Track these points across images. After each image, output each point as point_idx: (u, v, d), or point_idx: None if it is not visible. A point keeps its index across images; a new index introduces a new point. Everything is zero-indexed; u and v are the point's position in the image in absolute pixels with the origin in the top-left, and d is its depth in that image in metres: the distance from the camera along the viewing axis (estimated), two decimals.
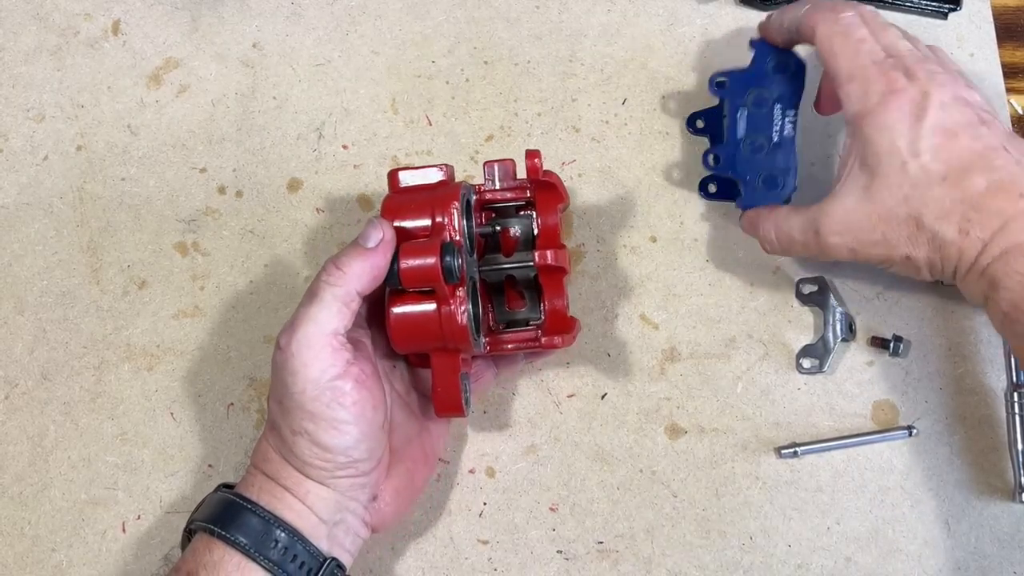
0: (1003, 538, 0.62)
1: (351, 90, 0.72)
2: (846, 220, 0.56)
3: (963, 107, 0.55)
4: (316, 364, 0.51)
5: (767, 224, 0.60)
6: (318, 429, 0.51)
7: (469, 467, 0.64)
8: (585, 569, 0.62)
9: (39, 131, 0.71)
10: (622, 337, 0.66)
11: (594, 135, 0.71)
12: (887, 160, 0.54)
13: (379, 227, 0.54)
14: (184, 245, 0.69)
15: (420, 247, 0.54)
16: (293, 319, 0.52)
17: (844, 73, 0.56)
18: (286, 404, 0.52)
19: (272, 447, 0.54)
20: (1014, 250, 0.52)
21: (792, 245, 0.59)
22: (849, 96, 0.56)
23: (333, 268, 0.53)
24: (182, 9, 0.74)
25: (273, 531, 0.51)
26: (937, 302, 0.67)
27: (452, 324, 0.55)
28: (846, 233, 0.56)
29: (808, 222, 0.58)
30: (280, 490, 0.53)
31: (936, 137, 0.54)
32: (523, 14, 0.74)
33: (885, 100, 0.55)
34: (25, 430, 0.65)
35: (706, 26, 0.74)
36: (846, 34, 0.57)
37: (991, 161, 0.53)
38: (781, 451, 0.64)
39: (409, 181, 0.59)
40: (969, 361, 0.66)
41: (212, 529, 0.52)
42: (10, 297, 0.67)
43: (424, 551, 0.62)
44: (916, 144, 0.54)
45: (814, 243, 0.58)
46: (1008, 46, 0.73)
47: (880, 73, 0.56)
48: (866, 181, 0.55)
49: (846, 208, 0.56)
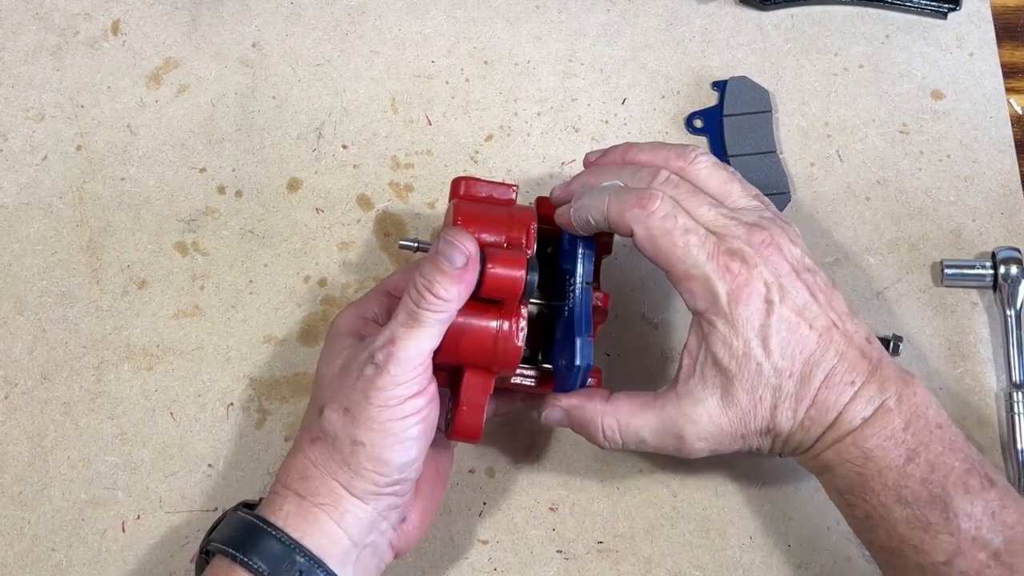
0: None
1: (351, 90, 0.72)
2: (711, 425, 0.54)
3: (795, 283, 0.54)
4: (409, 384, 0.51)
5: (608, 420, 0.56)
6: (385, 443, 0.51)
7: (469, 467, 0.64)
8: (585, 569, 0.62)
9: (39, 131, 0.71)
10: (622, 337, 0.66)
11: (594, 135, 0.71)
12: (744, 363, 0.53)
13: (463, 244, 0.52)
14: (184, 245, 0.69)
15: (510, 257, 0.53)
16: (393, 337, 0.51)
17: (680, 272, 0.53)
18: (357, 414, 0.51)
19: (314, 461, 0.52)
20: (847, 440, 0.53)
21: (641, 446, 0.56)
22: (692, 294, 0.54)
23: (430, 295, 0.51)
24: (182, 9, 0.74)
25: (294, 557, 0.50)
26: (937, 302, 0.67)
27: (508, 343, 0.53)
28: (711, 438, 0.54)
29: (666, 425, 0.55)
30: (315, 511, 0.51)
31: (783, 332, 0.53)
32: (523, 14, 0.74)
33: (735, 298, 0.53)
34: (25, 430, 0.65)
35: (706, 26, 0.74)
36: (667, 232, 0.53)
37: (826, 349, 0.53)
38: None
39: (480, 192, 0.58)
40: (969, 361, 0.66)
41: (233, 554, 0.51)
42: (10, 297, 0.67)
43: (424, 551, 0.62)
44: (768, 343, 0.53)
45: (673, 447, 0.55)
46: (1008, 46, 0.73)
47: (718, 267, 0.53)
48: (723, 383, 0.53)
49: (710, 414, 0.54)
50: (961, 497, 0.51)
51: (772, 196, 0.68)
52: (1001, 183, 0.70)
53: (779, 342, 0.53)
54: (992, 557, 0.50)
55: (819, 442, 0.54)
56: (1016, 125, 0.71)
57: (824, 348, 0.53)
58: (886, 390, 0.53)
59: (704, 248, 0.53)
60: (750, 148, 0.70)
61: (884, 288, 0.67)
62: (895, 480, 0.52)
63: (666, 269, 0.54)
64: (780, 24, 0.74)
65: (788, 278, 0.54)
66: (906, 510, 0.52)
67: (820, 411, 0.53)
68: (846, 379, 0.53)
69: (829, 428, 0.53)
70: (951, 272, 0.66)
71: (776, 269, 0.53)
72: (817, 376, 0.53)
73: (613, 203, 0.55)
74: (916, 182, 0.70)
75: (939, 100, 0.72)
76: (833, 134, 0.71)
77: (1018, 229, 0.69)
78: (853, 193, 0.70)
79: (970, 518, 0.51)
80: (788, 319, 0.53)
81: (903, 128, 0.71)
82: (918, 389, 0.54)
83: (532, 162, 0.70)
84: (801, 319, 0.53)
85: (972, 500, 0.51)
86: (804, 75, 0.73)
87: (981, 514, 0.51)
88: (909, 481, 0.52)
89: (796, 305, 0.53)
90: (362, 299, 0.59)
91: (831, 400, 0.53)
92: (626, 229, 0.54)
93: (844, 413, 0.53)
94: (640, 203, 0.54)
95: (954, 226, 0.69)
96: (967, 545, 0.50)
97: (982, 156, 0.70)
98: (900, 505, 0.52)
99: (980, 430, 0.64)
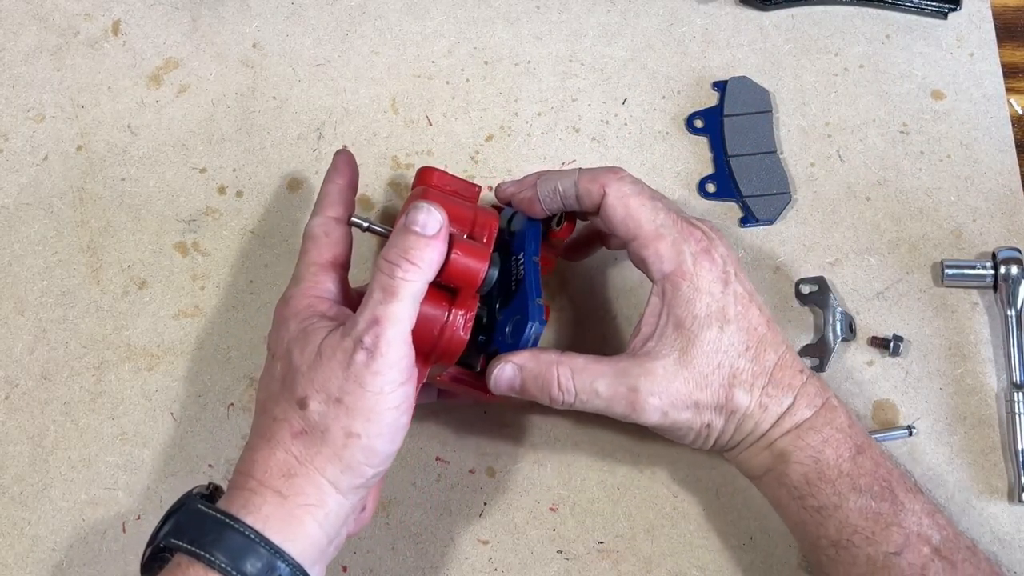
0: (1003, 538, 0.62)
1: (351, 90, 0.72)
2: (666, 381, 0.54)
3: (741, 271, 0.57)
4: (400, 364, 0.50)
5: (563, 369, 0.54)
6: (380, 433, 0.49)
7: (469, 467, 0.64)
8: (585, 569, 0.62)
9: (39, 131, 0.71)
10: (622, 337, 0.66)
11: (594, 135, 0.71)
12: (706, 324, 0.54)
13: (432, 212, 0.51)
14: (184, 245, 0.69)
15: (475, 248, 0.53)
16: (375, 316, 0.49)
17: (648, 232, 0.55)
18: (352, 404, 0.49)
19: (298, 458, 0.49)
20: (804, 425, 0.54)
21: (594, 398, 0.55)
22: (660, 255, 0.55)
23: (405, 262, 0.50)
24: (182, 9, 0.74)
25: (275, 563, 0.47)
26: (937, 302, 0.67)
27: (454, 333, 0.53)
28: (664, 395, 0.54)
29: (620, 377, 0.54)
30: (299, 513, 0.49)
31: (739, 304, 0.55)
32: (523, 14, 0.74)
33: (699, 260, 0.55)
34: (25, 430, 0.65)
35: (706, 26, 0.74)
36: (640, 193, 0.56)
37: (775, 335, 0.56)
38: None
39: (448, 186, 0.59)
40: (969, 361, 0.66)
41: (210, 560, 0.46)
42: (10, 297, 0.67)
43: (424, 551, 0.62)
44: (726, 310, 0.54)
45: (625, 400, 0.54)
46: (1008, 46, 0.73)
47: (685, 231, 0.55)
48: (683, 344, 0.54)
49: (666, 368, 0.54)
50: (904, 494, 0.53)
51: (772, 196, 0.69)
52: (1001, 183, 0.70)
53: (736, 314, 0.55)
54: (934, 552, 0.52)
55: (776, 426, 0.54)
56: (1016, 125, 0.71)
57: (773, 333, 0.56)
58: (827, 390, 0.56)
59: (669, 215, 0.56)
60: (750, 148, 0.70)
61: (884, 288, 0.67)
62: (849, 469, 0.53)
63: (634, 233, 0.56)
64: (780, 24, 0.74)
65: (736, 263, 0.57)
66: (860, 499, 0.53)
67: (777, 389, 0.54)
68: (795, 366, 0.56)
69: (786, 412, 0.54)
70: (951, 272, 0.66)
71: (728, 252, 0.56)
72: (770, 356, 0.55)
73: (584, 173, 0.57)
74: (916, 182, 0.70)
75: (939, 100, 0.72)
76: (833, 134, 0.71)
77: (1018, 229, 0.69)
78: (853, 193, 0.70)
79: (914, 513, 0.53)
80: (742, 295, 0.55)
81: (903, 128, 0.71)
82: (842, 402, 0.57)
83: (532, 162, 0.70)
84: (752, 300, 0.56)
85: (913, 498, 0.53)
86: (804, 75, 0.73)
87: (921, 511, 0.53)
88: (861, 471, 0.54)
89: (746, 287, 0.56)
90: (304, 277, 0.55)
91: (786, 381, 0.55)
92: (598, 193, 0.56)
93: (799, 398, 0.54)
94: (611, 171, 0.57)
95: (954, 226, 0.69)
96: (914, 538, 0.52)
97: (982, 156, 0.70)
98: (855, 493, 0.53)
99: (980, 430, 0.64)
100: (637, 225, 0.55)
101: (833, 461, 0.54)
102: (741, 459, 0.57)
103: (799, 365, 0.56)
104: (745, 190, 0.69)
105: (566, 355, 0.55)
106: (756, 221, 0.68)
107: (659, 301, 0.55)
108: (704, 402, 0.54)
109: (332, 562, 0.53)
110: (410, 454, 0.64)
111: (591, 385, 0.54)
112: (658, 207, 0.56)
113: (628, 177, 0.57)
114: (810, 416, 0.54)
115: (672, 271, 0.55)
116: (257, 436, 0.51)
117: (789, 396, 0.54)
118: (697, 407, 0.54)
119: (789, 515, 0.56)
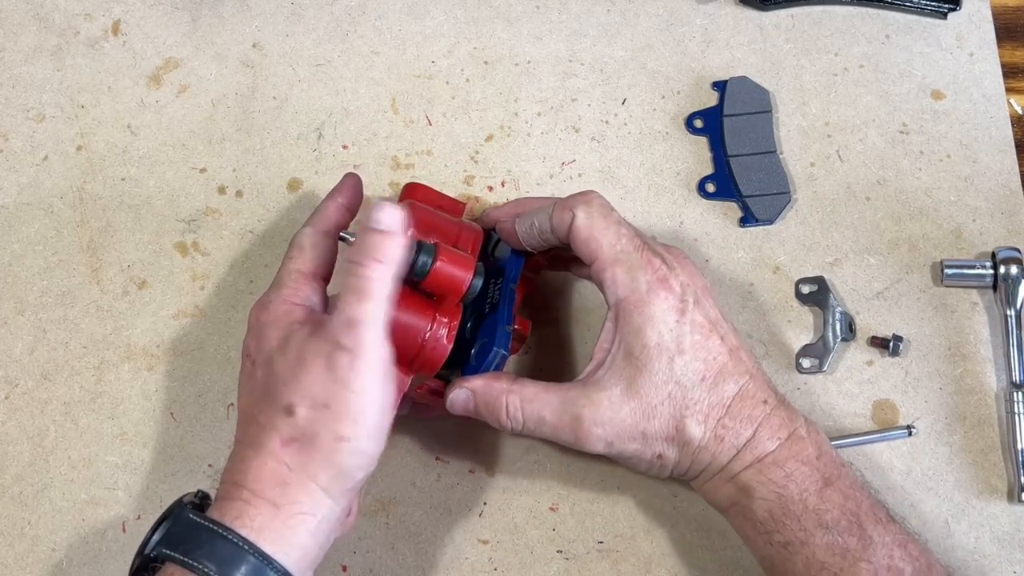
0: (1003, 538, 0.62)
1: (351, 90, 0.72)
2: (611, 412, 0.54)
3: (707, 298, 0.56)
4: (380, 362, 0.49)
5: (512, 398, 0.55)
6: (368, 435, 0.49)
7: (469, 467, 0.64)
8: (585, 569, 0.62)
9: (39, 131, 0.71)
10: None
11: (594, 135, 0.71)
12: (655, 354, 0.53)
13: (389, 209, 0.50)
14: (184, 245, 0.69)
15: (461, 257, 0.54)
16: (351, 318, 0.49)
17: (607, 256, 0.55)
18: (340, 408, 0.49)
19: (290, 466, 0.49)
20: (766, 459, 0.53)
21: (541, 426, 0.55)
22: (615, 280, 0.55)
23: (370, 260, 0.50)
24: (182, 9, 0.74)
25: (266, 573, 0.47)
26: (937, 302, 0.67)
27: (437, 342, 0.54)
28: (608, 425, 0.54)
29: (566, 406, 0.54)
30: (292, 523, 0.49)
31: (696, 334, 0.54)
32: (523, 14, 0.74)
33: (654, 289, 0.54)
34: (25, 430, 0.65)
35: (706, 26, 0.74)
36: (605, 216, 0.56)
37: (737, 364, 0.55)
38: None
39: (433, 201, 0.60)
40: (969, 361, 0.66)
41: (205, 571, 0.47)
42: (10, 297, 0.67)
43: (424, 551, 0.62)
44: (681, 340, 0.53)
45: (569, 429, 0.54)
46: (1008, 46, 0.73)
47: (643, 259, 0.55)
48: (631, 373, 0.54)
49: (612, 399, 0.54)
50: (873, 527, 0.52)
51: (772, 196, 0.69)
52: (1001, 183, 0.70)
53: (692, 344, 0.54)
54: None
55: (736, 460, 0.54)
56: (1016, 125, 0.71)
57: (736, 363, 0.54)
58: (795, 419, 0.55)
59: (632, 242, 0.55)
60: (750, 148, 0.70)
61: (884, 288, 0.67)
62: (815, 504, 0.52)
63: (595, 254, 0.55)
64: (780, 24, 0.74)
65: (701, 291, 0.56)
66: (827, 535, 0.52)
67: (735, 422, 0.54)
68: (759, 396, 0.54)
69: (746, 445, 0.53)
70: (951, 272, 0.66)
71: (691, 281, 0.55)
72: (730, 386, 0.54)
73: (557, 203, 0.57)
74: (916, 182, 0.70)
75: (939, 100, 0.72)
76: (833, 134, 0.71)
77: (1018, 229, 0.69)
78: (853, 193, 0.70)
79: (884, 546, 0.52)
80: (701, 324, 0.54)
81: (903, 128, 0.71)
82: (817, 429, 0.55)
83: (532, 162, 0.70)
84: (713, 330, 0.55)
85: (883, 530, 0.52)
86: (804, 75, 0.73)
87: (892, 543, 0.52)
88: (828, 505, 0.52)
89: (708, 316, 0.55)
90: (284, 283, 0.56)
91: (745, 413, 0.54)
92: (567, 216, 0.56)
93: (760, 430, 0.53)
94: (583, 195, 0.57)
95: (954, 226, 0.69)
96: (883, 572, 0.51)
97: (982, 156, 0.70)
98: (821, 530, 0.52)
99: (980, 430, 0.64)
100: (599, 247, 0.55)
101: (798, 496, 0.53)
102: (705, 490, 0.56)
103: (764, 395, 0.55)
104: (745, 190, 0.69)
105: (518, 382, 0.56)
106: (756, 221, 0.68)
107: (612, 327, 0.55)
108: (652, 433, 0.54)
109: (332, 562, 0.53)
110: (410, 454, 0.64)
111: (538, 413, 0.55)
112: (622, 232, 0.55)
113: (598, 201, 0.56)
114: (773, 449, 0.53)
115: (625, 297, 0.54)
116: (245, 445, 0.51)
117: (748, 428, 0.54)
118: (645, 438, 0.54)
119: (756, 549, 0.55)
